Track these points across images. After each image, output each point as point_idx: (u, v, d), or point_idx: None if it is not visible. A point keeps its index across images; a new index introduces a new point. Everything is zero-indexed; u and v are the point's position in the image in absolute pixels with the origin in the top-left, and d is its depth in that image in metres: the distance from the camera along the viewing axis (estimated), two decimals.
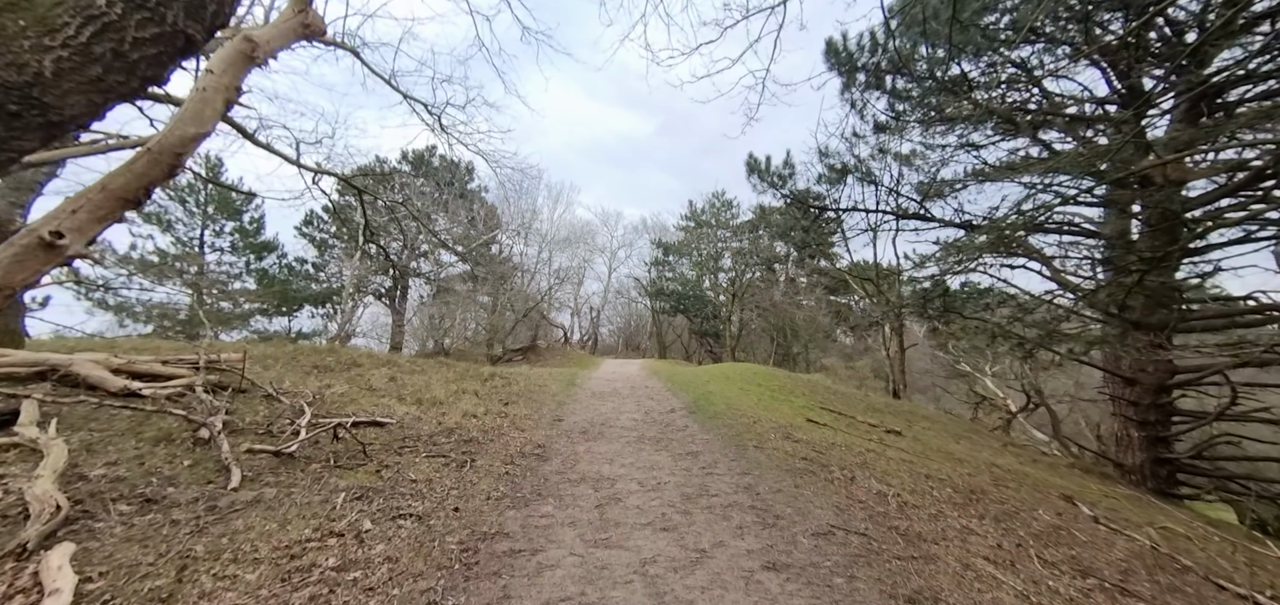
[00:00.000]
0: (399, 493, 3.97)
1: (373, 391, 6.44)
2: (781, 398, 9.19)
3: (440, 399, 6.72)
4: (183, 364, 4.81)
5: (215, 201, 17.39)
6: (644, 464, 5.16)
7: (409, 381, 7.35)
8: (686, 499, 4.21)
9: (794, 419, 7.48)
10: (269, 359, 6.69)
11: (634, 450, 5.63)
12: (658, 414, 7.44)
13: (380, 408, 5.86)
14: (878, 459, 5.86)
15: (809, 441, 6.11)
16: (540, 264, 31.41)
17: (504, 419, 6.54)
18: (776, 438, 6.12)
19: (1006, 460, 7.67)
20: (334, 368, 6.97)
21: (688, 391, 9.09)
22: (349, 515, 3.55)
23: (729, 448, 5.70)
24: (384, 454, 4.66)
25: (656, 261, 32.29)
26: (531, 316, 27.88)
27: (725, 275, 30.69)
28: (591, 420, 6.94)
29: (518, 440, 5.74)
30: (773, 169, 10.83)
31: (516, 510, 3.88)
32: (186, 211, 17.22)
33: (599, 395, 8.90)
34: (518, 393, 8.20)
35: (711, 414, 7.19)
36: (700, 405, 7.80)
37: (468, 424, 5.97)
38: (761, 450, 5.59)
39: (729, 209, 31.43)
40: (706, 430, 6.47)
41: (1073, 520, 4.97)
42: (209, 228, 17.73)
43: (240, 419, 4.53)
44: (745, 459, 5.28)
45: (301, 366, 6.70)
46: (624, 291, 37.55)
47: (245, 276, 18.63)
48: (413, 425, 5.60)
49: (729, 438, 6.07)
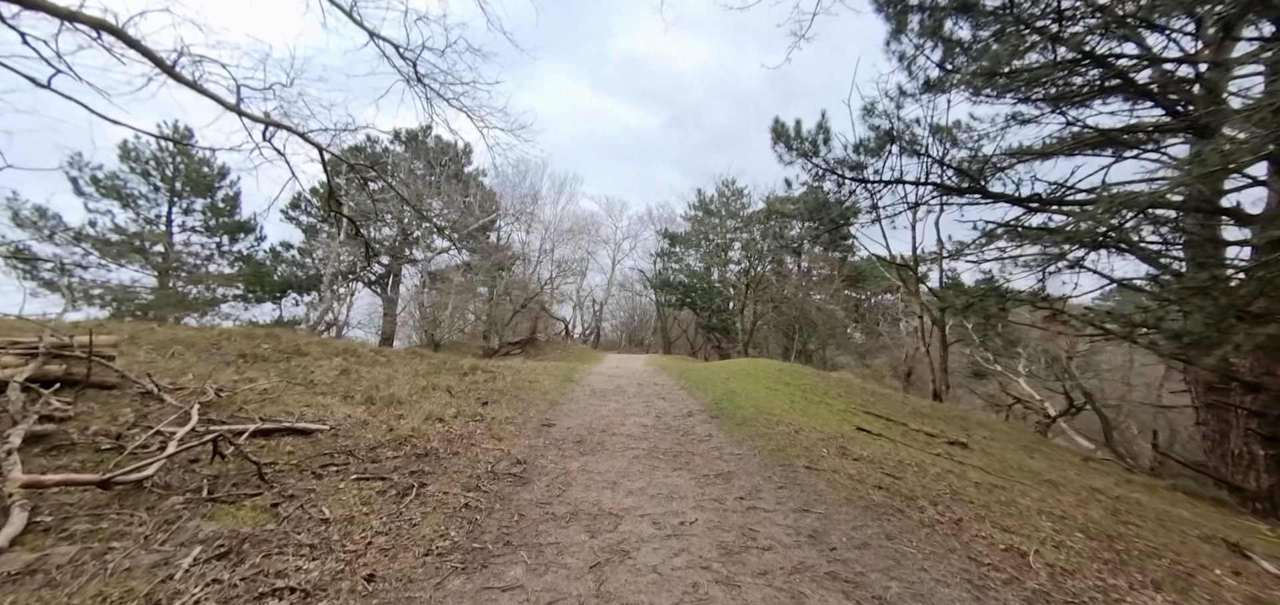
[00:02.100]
0: (291, 544, 2.59)
1: (311, 388, 5.07)
2: (816, 400, 7.77)
3: (399, 398, 5.34)
4: (15, 349, 3.45)
5: (183, 176, 16.01)
6: (659, 490, 3.77)
7: (366, 376, 5.98)
8: (726, 554, 2.82)
9: (841, 427, 6.06)
10: (180, 345, 5.32)
11: (644, 469, 4.24)
12: (672, 418, 6.04)
13: (314, 409, 4.48)
14: (964, 485, 4.44)
15: (872, 460, 4.70)
16: (542, 255, 30.07)
17: (478, 424, 5.16)
18: (830, 454, 4.71)
19: (1101, 481, 6.23)
20: (267, 358, 5.61)
21: (705, 390, 7.68)
22: (191, 590, 2.18)
23: (772, 467, 4.29)
24: (291, 478, 3.28)
25: (663, 252, 30.82)
26: (531, 308, 26.53)
27: (735, 267, 29.22)
28: (589, 426, 5.55)
29: (491, 453, 4.36)
30: (803, 135, 9.38)
31: (466, 576, 2.50)
32: (150, 186, 15.83)
33: (600, 394, 7.51)
34: (501, 390, 6.81)
35: (740, 420, 5.79)
36: (724, 408, 6.39)
37: (428, 431, 4.59)
38: (816, 472, 4.18)
39: (740, 198, 29.92)
40: (736, 441, 5.07)
41: (1265, 584, 3.53)
42: (177, 205, 16.35)
43: (80, 430, 3.15)
44: (798, 485, 3.88)
45: (222, 355, 5.34)
46: (628, 284, 36.14)
47: (217, 258, 17.30)
48: (352, 433, 4.22)
49: (769, 453, 4.66)
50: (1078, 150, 9.58)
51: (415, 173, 21.60)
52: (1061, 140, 9.68)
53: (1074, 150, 9.57)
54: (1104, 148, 9.27)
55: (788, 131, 9.74)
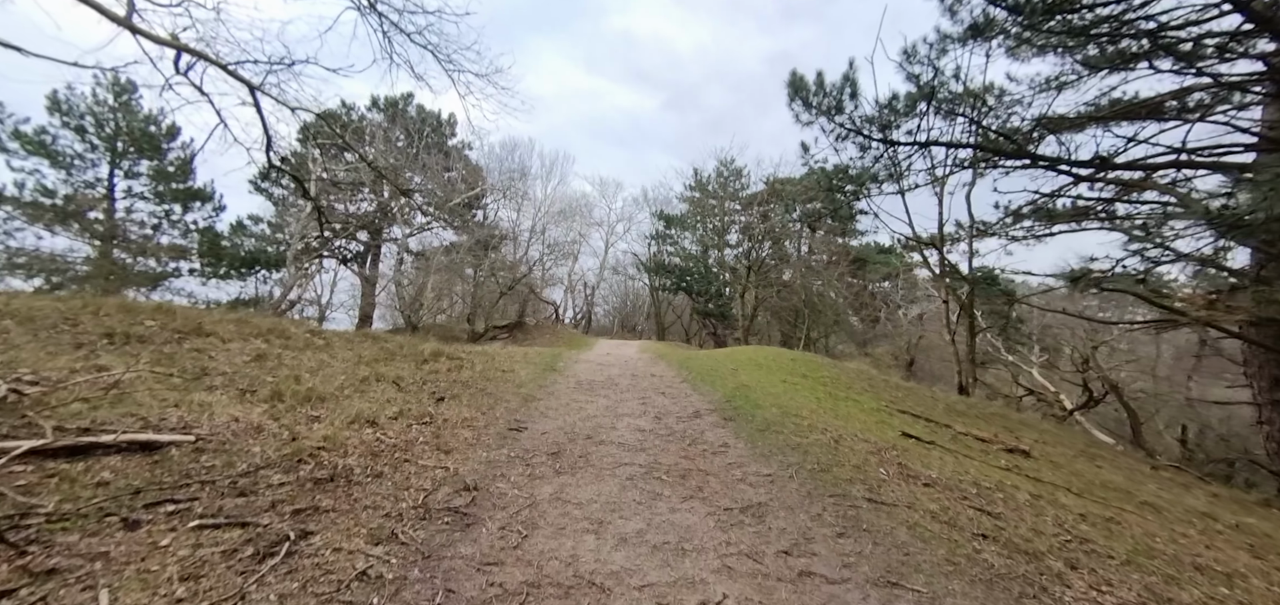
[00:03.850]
0: None
1: (197, 381, 3.81)
2: (842, 395, 6.62)
3: (322, 394, 4.09)
4: None
5: (125, 135, 14.31)
6: (664, 535, 2.59)
7: (288, 363, 4.73)
8: None
9: (883, 433, 4.91)
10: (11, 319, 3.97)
11: (642, 497, 3.05)
12: (675, 420, 4.85)
13: (185, 411, 3.22)
14: (1072, 519, 3.31)
15: (946, 484, 3.54)
16: (532, 236, 28.64)
17: (425, 428, 3.93)
18: (890, 475, 3.54)
19: (1192, 498, 5.16)
20: (149, 338, 4.31)
21: (712, 384, 6.49)
22: None
23: (819, 497, 3.11)
24: (74, 533, 2.04)
25: (658, 235, 29.48)
26: (519, 290, 25.19)
27: (732, 251, 28.00)
28: (571, 430, 4.35)
29: (431, 474, 3.14)
30: (827, 88, 8.10)
31: None
32: (86, 144, 14.12)
33: (587, 387, 6.30)
34: (465, 382, 5.57)
35: (762, 424, 4.60)
36: (738, 407, 5.21)
37: (348, 441, 3.35)
38: (884, 507, 3.01)
39: (738, 178, 28.59)
40: (762, 455, 3.89)
41: None
42: (119, 168, 14.63)
43: None
44: (865, 531, 2.70)
45: (76, 335, 4.05)
46: (621, 268, 34.81)
47: (169, 228, 15.67)
48: (230, 446, 2.98)
49: (810, 474, 3.48)
50: (1137, 115, 8.43)
51: (393, 142, 20.04)
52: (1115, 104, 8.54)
53: (1134, 114, 8.42)
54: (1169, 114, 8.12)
55: (807, 86, 8.44)
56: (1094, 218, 11.97)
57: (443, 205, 19.30)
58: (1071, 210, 12.03)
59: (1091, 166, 7.40)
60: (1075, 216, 12.16)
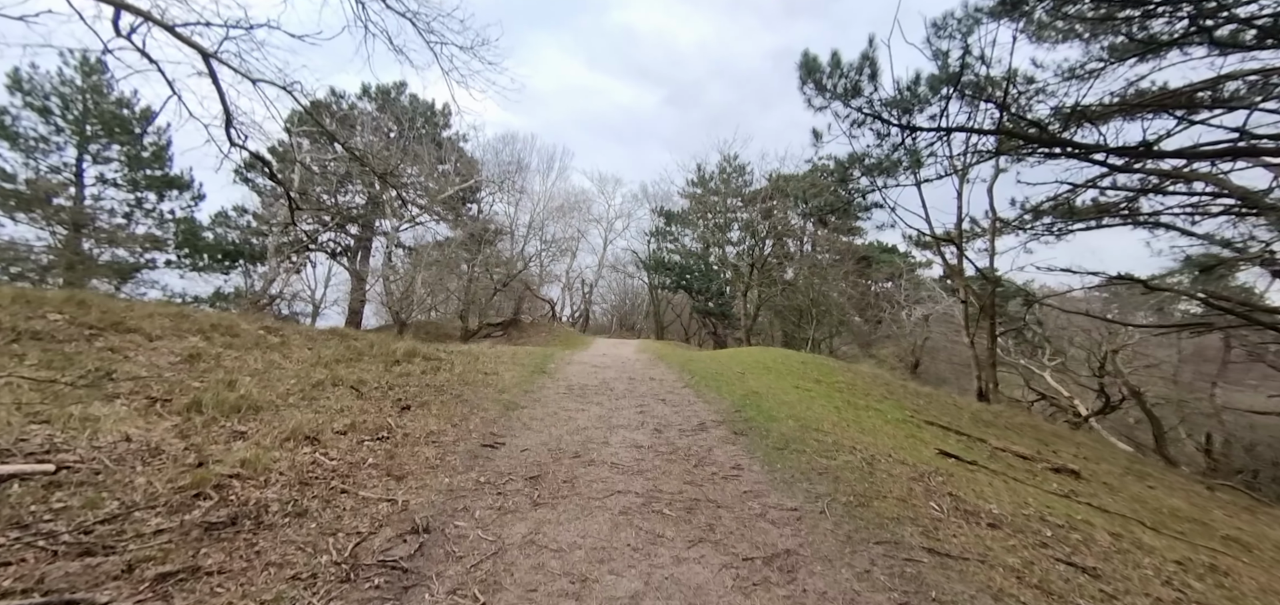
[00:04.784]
0: None
1: (94, 387, 3.13)
2: (860, 403, 5.96)
3: (258, 403, 3.41)
4: None
5: (94, 118, 13.49)
6: (667, 600, 1.93)
7: (226, 365, 4.05)
8: None
9: (917, 450, 4.25)
10: None
11: (639, 540, 2.39)
12: (678, 434, 4.18)
13: (57, 427, 2.55)
14: (1173, 570, 2.66)
15: (1014, 524, 2.88)
16: (530, 231, 27.93)
17: (379, 445, 3.26)
18: (946, 512, 2.88)
19: (1256, 524, 4.51)
20: (46, 336, 3.60)
21: (718, 390, 5.81)
22: None
23: (862, 543, 2.45)
24: None
25: (657, 231, 28.78)
26: (514, 287, 24.49)
27: (733, 249, 27.32)
28: (556, 447, 3.68)
29: (370, 511, 2.48)
30: (843, 68, 7.42)
31: None
32: (51, 126, 13.31)
33: (579, 392, 5.62)
34: (439, 386, 4.89)
35: (778, 441, 3.94)
36: (750, 419, 4.54)
37: (272, 465, 2.68)
38: (946, 559, 2.34)
39: (741, 174, 27.90)
40: (784, 481, 3.22)
41: None
42: (87, 153, 13.81)
43: None
44: (933, 599, 2.04)
45: None
46: (620, 266, 34.10)
47: (143, 218, 14.86)
48: (106, 475, 2.31)
49: (844, 507, 2.82)
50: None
51: (385, 132, 19.33)
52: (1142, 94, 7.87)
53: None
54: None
55: (821, 67, 7.77)
56: (1115, 214, 11.35)
57: (435, 197, 18.59)
58: (1093, 207, 11.40)
59: (1130, 154, 6.74)
60: (1096, 214, 11.53)
